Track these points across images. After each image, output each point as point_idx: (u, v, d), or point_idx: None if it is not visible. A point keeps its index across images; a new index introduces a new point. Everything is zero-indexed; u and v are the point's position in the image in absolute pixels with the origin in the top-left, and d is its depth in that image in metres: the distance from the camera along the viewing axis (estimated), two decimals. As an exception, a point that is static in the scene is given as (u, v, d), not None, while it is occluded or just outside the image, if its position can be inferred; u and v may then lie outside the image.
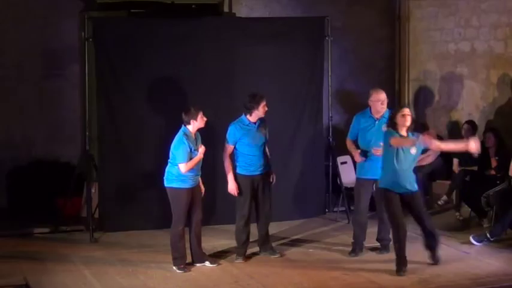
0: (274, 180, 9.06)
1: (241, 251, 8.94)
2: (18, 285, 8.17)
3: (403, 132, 8.27)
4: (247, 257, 9.00)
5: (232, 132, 8.83)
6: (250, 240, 9.30)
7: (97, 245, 9.74)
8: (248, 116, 8.83)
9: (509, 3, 11.09)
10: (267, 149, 9.01)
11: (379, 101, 8.99)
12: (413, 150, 8.28)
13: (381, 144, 8.82)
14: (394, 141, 8.19)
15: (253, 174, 8.83)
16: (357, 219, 9.16)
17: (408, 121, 8.25)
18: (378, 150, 8.81)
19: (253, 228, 9.25)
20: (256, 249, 9.20)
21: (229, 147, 8.86)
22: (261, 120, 8.89)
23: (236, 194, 8.86)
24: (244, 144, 8.80)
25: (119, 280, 8.25)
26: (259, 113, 8.80)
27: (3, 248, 9.46)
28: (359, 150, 9.00)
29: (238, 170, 8.86)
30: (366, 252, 9.17)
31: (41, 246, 9.62)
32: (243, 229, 8.92)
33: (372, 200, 9.24)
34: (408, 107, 9.10)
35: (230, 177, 8.84)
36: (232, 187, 8.84)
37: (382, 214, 9.11)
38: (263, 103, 8.79)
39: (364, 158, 8.97)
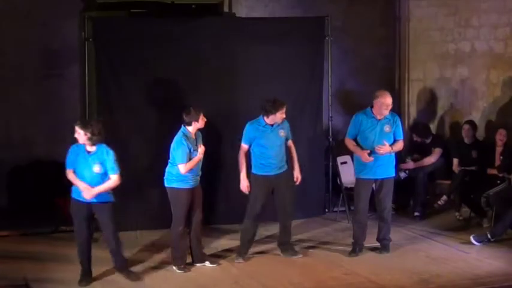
0: (299, 180, 9.01)
1: (243, 250, 8.92)
2: (18, 285, 8.17)
3: None
4: (247, 258, 8.99)
5: (248, 131, 8.82)
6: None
7: (97, 245, 9.72)
8: (265, 118, 8.81)
9: (509, 3, 11.09)
10: (292, 148, 8.99)
11: (386, 105, 8.93)
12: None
13: (385, 142, 8.83)
14: None
15: (268, 174, 8.80)
16: (357, 219, 9.16)
17: None
18: (381, 148, 8.82)
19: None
20: (256, 249, 9.20)
21: (244, 147, 8.83)
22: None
23: (247, 191, 8.83)
24: (259, 144, 8.78)
25: (119, 280, 8.25)
26: (275, 118, 8.78)
27: (3, 248, 9.47)
28: (368, 150, 8.97)
29: (253, 170, 8.84)
30: (366, 252, 9.17)
31: (41, 246, 9.61)
32: (250, 228, 8.89)
33: (372, 200, 9.24)
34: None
35: (242, 175, 8.80)
36: (243, 184, 8.81)
37: (382, 214, 9.13)
38: (282, 110, 8.77)
39: (372, 158, 8.94)
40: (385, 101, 8.95)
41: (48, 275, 8.41)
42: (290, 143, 9.02)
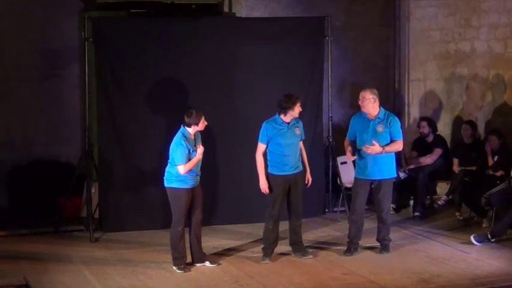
0: (310, 182, 9.01)
1: (269, 251, 8.88)
2: (18, 285, 8.18)
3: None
4: (249, 257, 9.00)
5: (265, 131, 8.79)
6: (250, 240, 9.32)
7: (97, 245, 9.74)
8: (282, 116, 8.78)
9: (509, 3, 11.10)
10: (303, 149, 8.99)
11: (360, 97, 8.99)
12: None
13: (374, 142, 8.81)
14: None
15: (285, 174, 8.77)
16: (353, 219, 9.15)
17: None
18: (368, 148, 8.80)
19: (255, 229, 9.26)
20: (256, 249, 9.20)
21: (262, 146, 8.80)
22: (296, 120, 8.88)
23: (267, 192, 8.80)
24: (276, 143, 8.75)
25: (119, 280, 8.25)
26: (293, 113, 8.77)
27: (3, 248, 9.47)
28: (350, 148, 9.00)
29: (269, 170, 8.80)
30: (365, 252, 9.17)
31: (41, 246, 9.61)
32: (272, 229, 8.85)
33: (372, 200, 9.24)
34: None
35: (262, 176, 8.78)
36: (263, 185, 8.78)
37: (381, 215, 9.12)
38: (298, 103, 8.79)
39: (355, 157, 8.98)
40: (362, 93, 9.00)
41: (48, 275, 8.41)
42: (301, 143, 9.00)
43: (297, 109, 8.78)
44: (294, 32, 10.78)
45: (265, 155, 8.84)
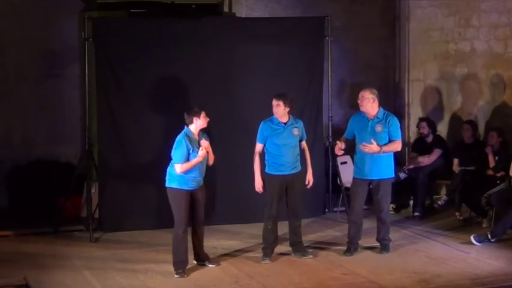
0: (311, 183, 9.01)
1: (269, 251, 8.88)
2: (18, 285, 8.17)
3: None
4: (249, 257, 9.01)
5: (261, 130, 8.83)
6: (250, 240, 9.30)
7: (97, 245, 9.74)
8: (278, 116, 8.82)
9: (509, 3, 11.10)
10: (306, 149, 8.98)
11: (360, 96, 9.01)
12: None
13: (372, 141, 8.80)
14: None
15: (282, 174, 8.77)
16: (352, 219, 9.15)
17: None
18: (366, 146, 8.79)
19: (255, 229, 9.24)
20: (256, 249, 9.20)
21: (258, 146, 8.83)
22: (295, 120, 8.88)
23: (261, 191, 8.81)
24: (272, 143, 8.77)
25: (119, 280, 8.25)
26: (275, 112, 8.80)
27: (3, 248, 9.47)
28: (340, 144, 8.99)
29: (266, 169, 8.81)
30: (365, 251, 9.17)
31: (41, 246, 9.62)
32: (271, 229, 8.85)
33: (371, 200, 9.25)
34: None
35: (257, 175, 8.78)
36: (257, 185, 8.79)
37: (380, 215, 9.11)
38: (275, 102, 8.80)
39: (342, 151, 9.01)
40: (361, 93, 9.03)
41: (48, 275, 8.41)
42: (304, 144, 8.99)
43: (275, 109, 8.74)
44: (294, 32, 10.79)
45: (263, 154, 8.85)
